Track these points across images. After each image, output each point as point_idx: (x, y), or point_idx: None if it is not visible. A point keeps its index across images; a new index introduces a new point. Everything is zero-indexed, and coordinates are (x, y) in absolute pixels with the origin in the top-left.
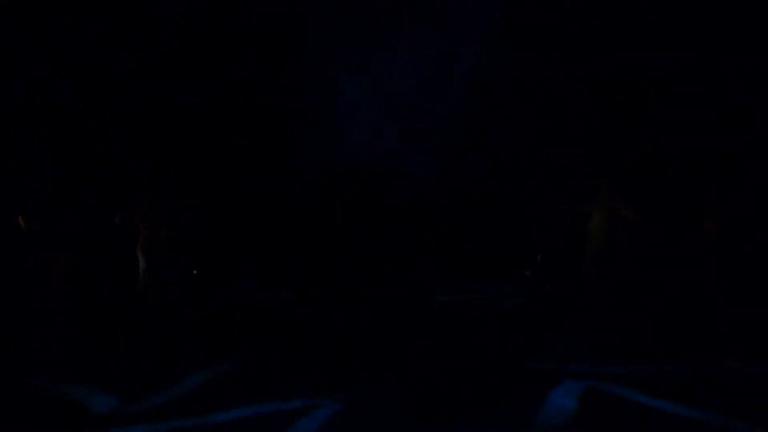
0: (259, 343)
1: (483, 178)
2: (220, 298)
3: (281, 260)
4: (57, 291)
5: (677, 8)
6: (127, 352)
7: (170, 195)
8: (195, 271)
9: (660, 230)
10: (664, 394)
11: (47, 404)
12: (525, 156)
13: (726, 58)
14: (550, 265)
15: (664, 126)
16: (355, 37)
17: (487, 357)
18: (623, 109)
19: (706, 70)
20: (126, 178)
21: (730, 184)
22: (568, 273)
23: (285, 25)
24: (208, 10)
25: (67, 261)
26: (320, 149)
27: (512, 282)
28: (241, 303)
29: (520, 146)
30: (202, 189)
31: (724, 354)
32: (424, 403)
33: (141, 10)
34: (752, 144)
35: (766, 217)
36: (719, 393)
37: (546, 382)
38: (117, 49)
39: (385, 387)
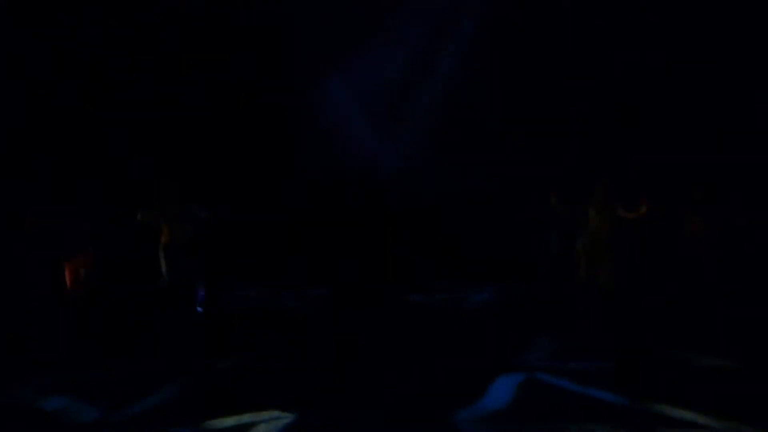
0: (258, 344)
1: (483, 178)
2: (219, 300)
3: (281, 261)
4: (57, 291)
5: (677, 8)
6: (121, 355)
7: (169, 195)
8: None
9: (659, 230)
10: (662, 393)
11: (29, 414)
12: (524, 156)
13: (726, 58)
14: (549, 264)
15: (663, 126)
16: (357, 39)
17: (484, 356)
18: (622, 110)
19: (706, 70)
20: (125, 179)
21: (730, 184)
22: (566, 273)
23: (285, 25)
24: (208, 10)
25: (67, 261)
26: (321, 150)
27: (511, 282)
28: (241, 304)
29: (520, 146)
30: (202, 189)
31: (723, 354)
32: (415, 402)
33: (141, 10)
34: (752, 144)
35: (766, 217)
36: (717, 393)
37: (535, 379)
38: (117, 49)
39: (384, 387)
